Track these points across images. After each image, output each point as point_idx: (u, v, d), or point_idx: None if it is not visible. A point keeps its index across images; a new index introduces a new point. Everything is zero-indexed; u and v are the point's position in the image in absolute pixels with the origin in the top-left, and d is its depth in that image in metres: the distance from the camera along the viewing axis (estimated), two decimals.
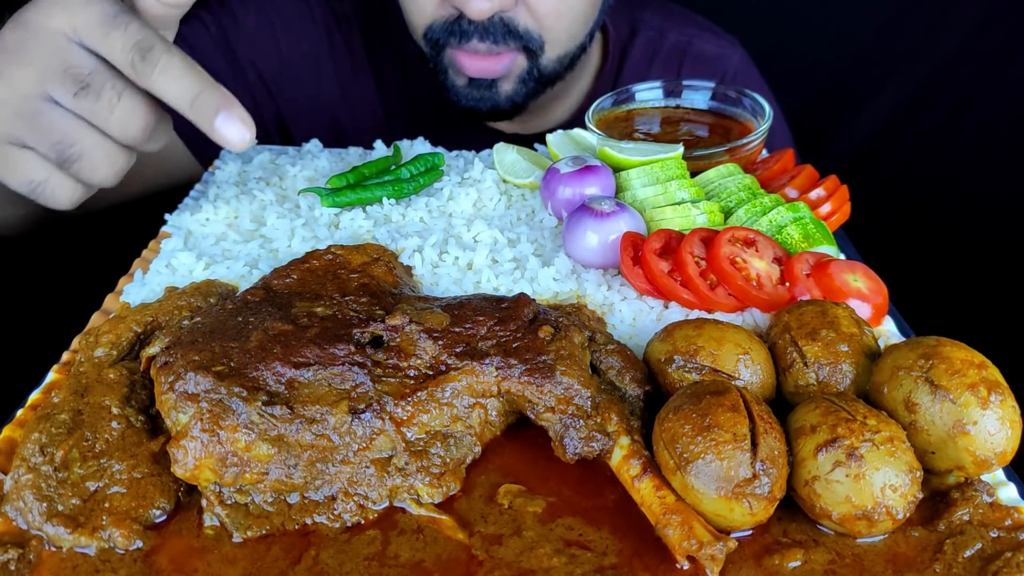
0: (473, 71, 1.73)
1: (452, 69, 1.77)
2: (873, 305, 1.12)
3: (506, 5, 1.62)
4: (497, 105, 1.80)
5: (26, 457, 0.90)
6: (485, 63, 1.71)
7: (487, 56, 1.70)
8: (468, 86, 1.78)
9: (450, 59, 1.74)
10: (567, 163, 1.32)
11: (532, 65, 1.75)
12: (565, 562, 0.83)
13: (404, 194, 1.40)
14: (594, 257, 1.21)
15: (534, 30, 1.69)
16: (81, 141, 1.05)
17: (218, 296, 1.13)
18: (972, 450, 0.86)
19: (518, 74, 1.76)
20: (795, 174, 1.38)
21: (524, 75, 1.76)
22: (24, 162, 1.07)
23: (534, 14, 1.67)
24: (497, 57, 1.71)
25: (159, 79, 1.02)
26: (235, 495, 0.88)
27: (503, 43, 1.67)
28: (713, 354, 0.96)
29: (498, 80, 1.76)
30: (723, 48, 2.07)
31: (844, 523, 0.83)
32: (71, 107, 1.04)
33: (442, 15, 1.68)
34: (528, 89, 1.79)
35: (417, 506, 0.90)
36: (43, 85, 1.03)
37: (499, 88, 1.77)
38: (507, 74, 1.75)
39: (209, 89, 1.04)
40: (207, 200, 1.39)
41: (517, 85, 1.78)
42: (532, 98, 1.82)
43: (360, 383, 0.93)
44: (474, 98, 1.79)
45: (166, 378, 0.92)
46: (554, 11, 1.68)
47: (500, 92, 1.78)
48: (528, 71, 1.75)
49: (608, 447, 0.91)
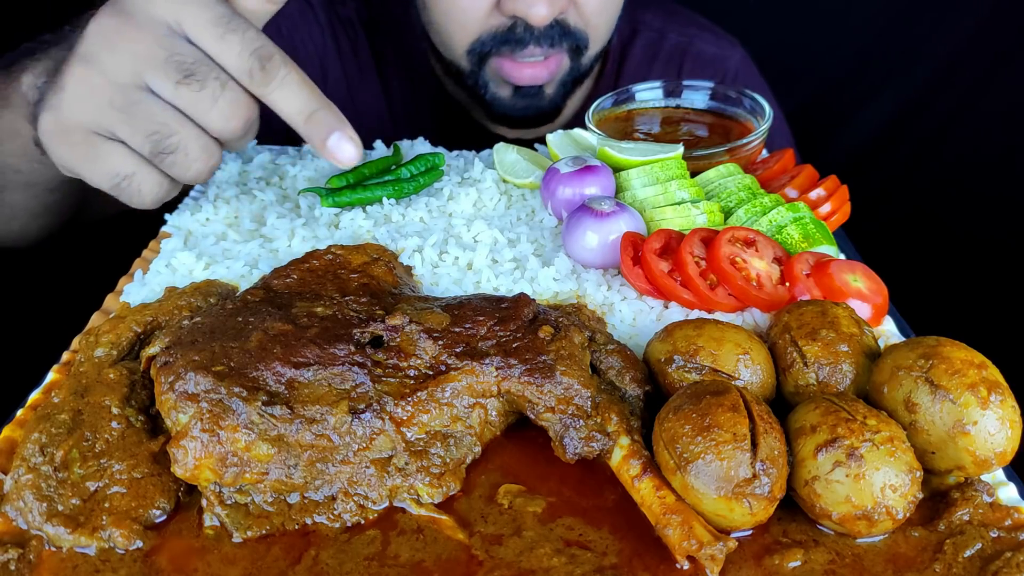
0: (524, 79, 1.73)
1: (495, 81, 1.76)
2: (873, 305, 1.12)
3: (564, 7, 1.63)
4: (541, 110, 1.81)
5: (26, 457, 0.90)
6: (534, 69, 1.71)
7: (537, 63, 1.70)
8: (514, 96, 1.78)
9: (494, 71, 1.73)
10: (567, 163, 1.32)
11: (574, 65, 1.76)
12: (565, 562, 0.83)
13: (404, 194, 1.40)
14: (594, 257, 1.21)
15: (582, 29, 1.70)
16: (179, 132, 1.00)
17: (218, 296, 1.13)
18: (972, 450, 0.86)
19: (560, 77, 1.77)
20: (795, 174, 1.38)
21: (566, 76, 1.77)
22: (111, 154, 1.02)
23: (582, 13, 1.68)
24: (546, 62, 1.71)
25: (277, 91, 1.00)
26: (235, 495, 0.88)
27: (558, 45, 1.68)
28: (713, 354, 0.96)
29: (544, 85, 1.76)
30: (723, 48, 2.08)
31: (844, 523, 0.83)
32: (171, 97, 0.99)
33: (491, 26, 1.67)
34: (567, 89, 1.80)
35: (417, 506, 0.90)
36: (142, 73, 0.98)
37: (544, 93, 1.78)
38: (551, 78, 1.76)
39: (325, 108, 1.03)
40: (207, 200, 1.39)
41: (558, 87, 1.79)
42: (568, 98, 1.84)
43: (360, 383, 0.93)
44: (520, 107, 1.80)
45: (166, 378, 0.92)
46: (600, 7, 1.69)
47: (545, 96, 1.79)
48: (569, 71, 1.77)
49: (608, 447, 0.91)
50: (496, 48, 1.69)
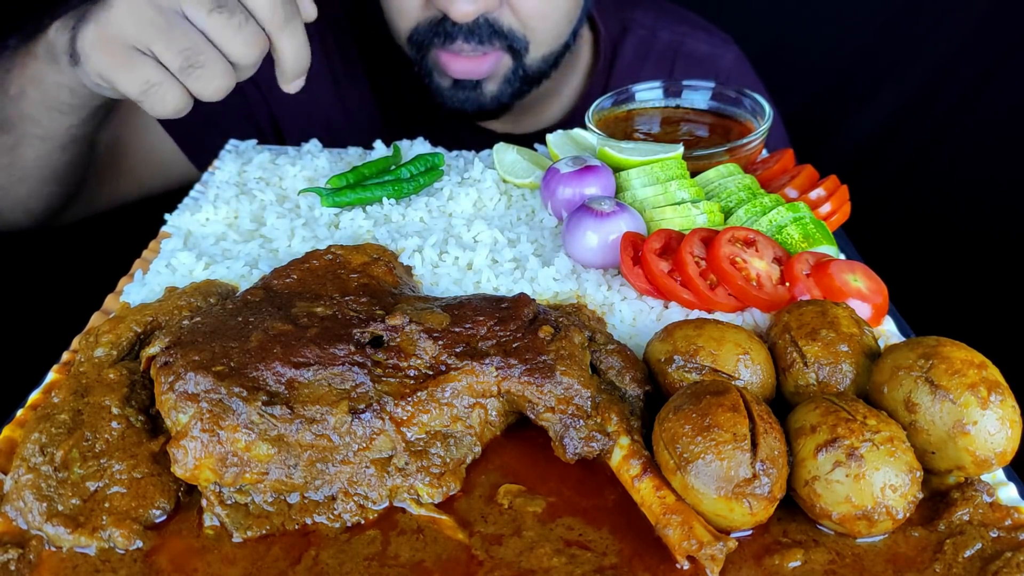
0: (458, 72, 1.73)
1: (437, 71, 1.77)
2: (873, 305, 1.12)
3: (490, 7, 1.63)
4: (483, 106, 1.80)
5: (26, 457, 0.90)
6: (469, 64, 1.71)
7: (472, 57, 1.70)
8: (453, 87, 1.78)
9: (434, 61, 1.74)
10: (567, 163, 1.32)
11: (517, 65, 1.75)
12: (565, 562, 0.83)
13: (404, 194, 1.40)
14: (594, 257, 1.21)
15: (518, 30, 1.69)
16: (205, 52, 1.17)
17: (218, 296, 1.13)
18: (972, 450, 0.86)
19: (503, 74, 1.76)
20: (795, 174, 1.38)
21: (509, 75, 1.76)
22: (144, 65, 1.18)
23: (518, 14, 1.67)
24: (482, 58, 1.71)
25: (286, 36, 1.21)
26: (235, 495, 0.88)
27: (488, 43, 1.68)
28: (713, 354, 0.96)
29: (483, 81, 1.76)
30: (716, 47, 2.07)
31: (844, 523, 0.83)
32: (202, 23, 1.16)
33: (426, 17, 1.68)
34: (514, 88, 1.79)
35: (417, 506, 0.90)
36: (180, 1, 1.16)
37: (484, 88, 1.77)
38: (492, 74, 1.75)
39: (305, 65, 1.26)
40: (207, 200, 1.39)
41: (503, 85, 1.78)
42: (518, 97, 1.82)
43: (360, 383, 0.93)
44: (459, 99, 1.79)
45: (166, 378, 0.92)
46: (538, 11, 1.68)
47: (485, 92, 1.78)
48: (513, 70, 1.76)
49: (608, 447, 0.91)
50: (430, 39, 1.70)
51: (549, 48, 1.77)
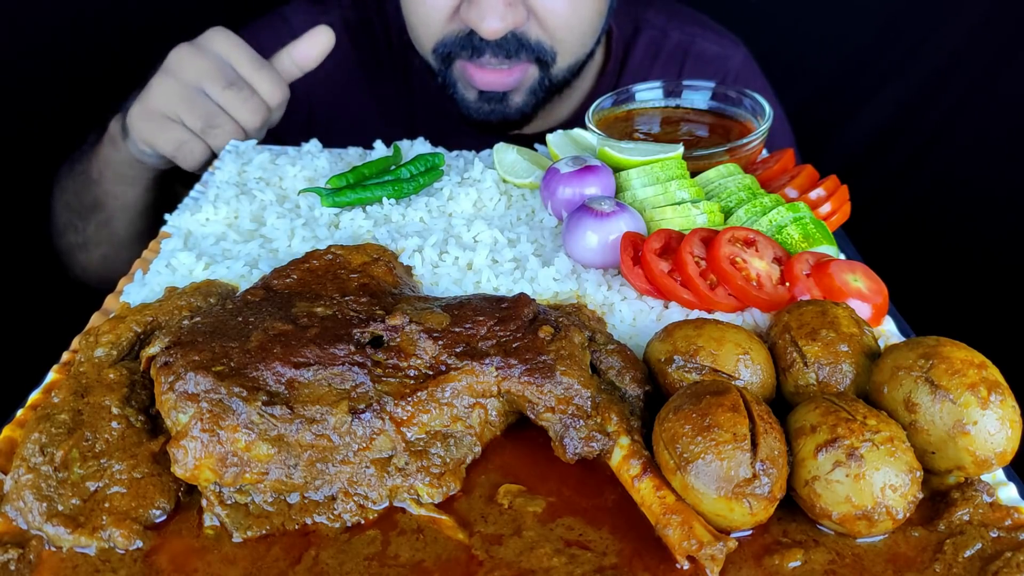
0: (485, 84, 1.74)
1: (462, 82, 1.77)
2: (873, 305, 1.12)
3: (519, 22, 1.63)
4: (507, 117, 1.81)
5: (26, 457, 0.90)
6: (497, 76, 1.72)
7: (499, 70, 1.70)
8: (479, 99, 1.78)
9: (460, 73, 1.74)
10: (567, 163, 1.32)
11: (543, 75, 1.75)
12: (565, 562, 0.83)
13: (404, 194, 1.40)
14: (594, 257, 1.21)
15: (546, 42, 1.69)
16: (221, 117, 1.56)
17: (218, 296, 1.13)
18: (972, 450, 0.86)
19: (529, 85, 1.76)
20: (795, 174, 1.38)
21: (535, 86, 1.77)
22: (175, 129, 1.57)
23: (545, 27, 1.67)
24: (509, 71, 1.71)
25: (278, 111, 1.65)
26: (235, 495, 0.88)
27: (515, 57, 1.68)
28: (713, 354, 0.96)
29: (509, 92, 1.76)
30: (725, 48, 2.07)
31: (844, 523, 0.83)
32: (217, 97, 1.55)
33: (453, 30, 1.68)
34: (538, 99, 1.80)
35: (417, 506, 0.90)
36: (201, 81, 1.54)
37: (510, 100, 1.78)
38: (518, 86, 1.75)
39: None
40: (207, 200, 1.39)
41: (528, 96, 1.78)
42: (541, 107, 1.83)
43: (360, 383, 0.93)
44: (485, 111, 1.80)
45: (166, 378, 0.92)
46: (565, 24, 1.68)
47: (511, 104, 1.78)
48: (539, 81, 1.76)
49: (608, 447, 0.91)
50: (457, 52, 1.71)
51: (575, 58, 1.78)
